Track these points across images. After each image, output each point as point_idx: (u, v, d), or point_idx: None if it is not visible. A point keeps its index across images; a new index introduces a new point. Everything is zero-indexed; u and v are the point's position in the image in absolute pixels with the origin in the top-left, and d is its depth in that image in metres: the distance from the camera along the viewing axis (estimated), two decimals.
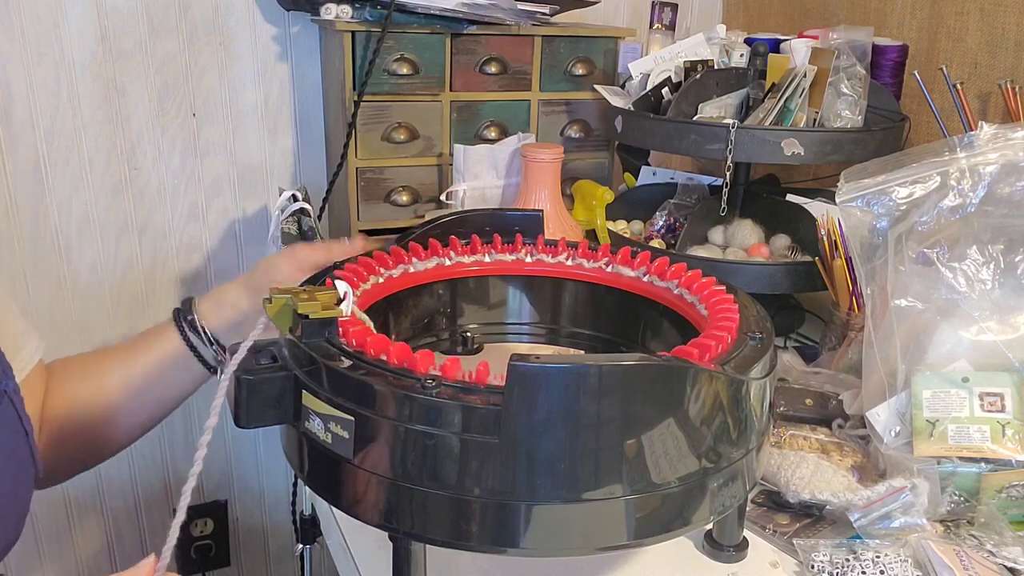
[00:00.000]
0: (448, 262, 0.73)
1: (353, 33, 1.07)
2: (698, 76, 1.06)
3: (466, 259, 0.74)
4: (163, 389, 0.76)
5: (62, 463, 0.73)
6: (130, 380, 0.74)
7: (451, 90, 1.14)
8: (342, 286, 0.56)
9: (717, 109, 1.04)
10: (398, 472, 0.48)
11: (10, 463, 0.59)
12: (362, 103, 1.08)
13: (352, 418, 0.48)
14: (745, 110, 1.04)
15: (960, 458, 0.68)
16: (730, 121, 0.95)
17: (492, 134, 1.18)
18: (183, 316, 0.75)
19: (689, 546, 0.66)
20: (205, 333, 0.75)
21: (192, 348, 0.74)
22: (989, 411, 0.68)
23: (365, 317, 0.57)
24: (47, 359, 0.74)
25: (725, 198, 1.00)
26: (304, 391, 0.51)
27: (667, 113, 1.03)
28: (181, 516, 0.45)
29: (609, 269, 0.73)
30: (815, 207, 1.04)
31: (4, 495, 0.58)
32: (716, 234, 1.07)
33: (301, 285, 0.60)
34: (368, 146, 1.12)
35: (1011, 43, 1.00)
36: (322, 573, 1.37)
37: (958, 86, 0.96)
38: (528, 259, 0.75)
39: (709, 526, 0.66)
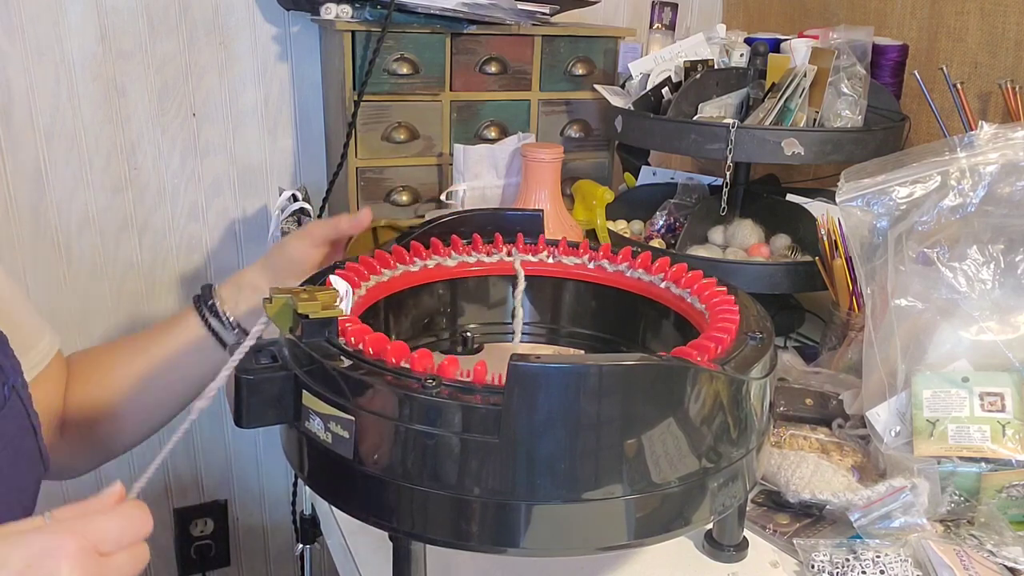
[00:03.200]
0: (449, 262, 0.73)
1: (353, 33, 1.07)
2: (698, 76, 1.06)
3: (467, 258, 0.74)
4: (183, 376, 0.76)
5: (84, 454, 0.74)
6: (150, 367, 0.74)
7: (451, 90, 1.14)
8: (341, 284, 0.56)
9: (717, 109, 1.04)
10: (398, 472, 0.48)
11: (18, 458, 0.59)
12: (362, 103, 1.08)
13: (352, 418, 0.48)
14: (745, 110, 1.04)
15: (960, 458, 0.68)
16: (730, 121, 0.95)
17: (492, 134, 1.18)
18: (204, 302, 0.75)
19: (689, 546, 0.66)
20: (226, 318, 0.75)
21: (213, 333, 0.75)
22: (989, 411, 0.68)
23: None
24: None
25: (725, 198, 1.00)
26: (304, 391, 0.51)
27: (667, 113, 1.03)
28: (161, 456, 0.45)
29: (612, 269, 0.73)
30: (815, 207, 1.04)
31: (12, 490, 0.58)
32: (716, 234, 1.07)
33: (301, 285, 0.60)
34: (368, 146, 1.12)
35: (1011, 43, 1.00)
36: (322, 573, 1.37)
37: (958, 86, 0.96)
38: (533, 259, 0.75)
39: (709, 526, 0.66)
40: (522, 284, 0.72)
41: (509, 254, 0.75)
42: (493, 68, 1.15)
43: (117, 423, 0.74)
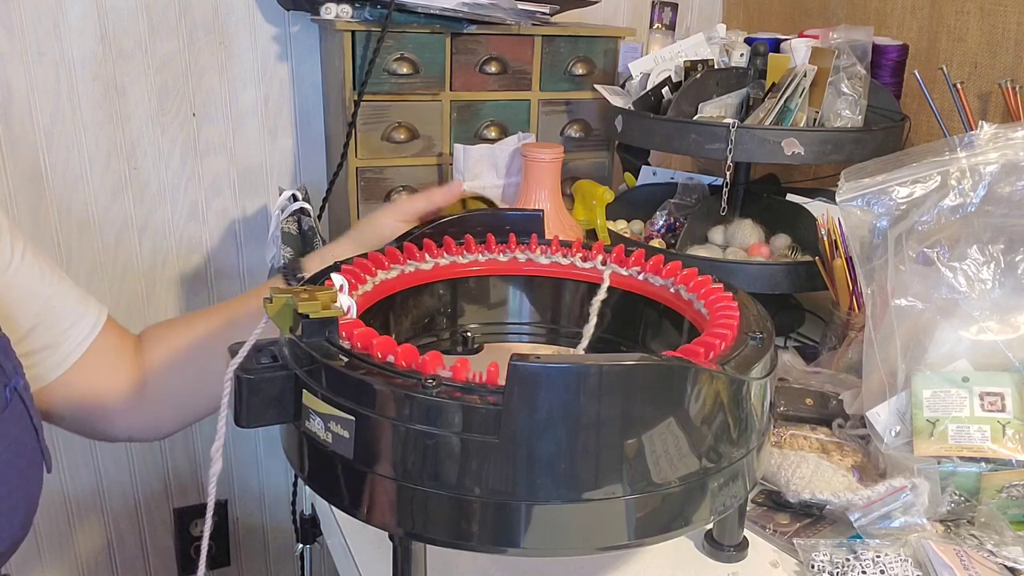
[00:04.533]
0: (444, 262, 0.73)
1: (353, 33, 1.07)
2: (698, 76, 1.05)
3: (477, 258, 0.74)
4: None
5: (169, 414, 0.76)
6: (230, 322, 0.75)
7: (451, 90, 1.14)
8: (337, 279, 0.56)
9: (717, 109, 1.04)
10: (398, 472, 0.48)
11: (19, 459, 0.59)
12: (362, 103, 1.08)
13: (352, 418, 0.48)
14: (745, 110, 1.04)
15: (960, 458, 0.68)
16: (730, 121, 0.95)
17: (492, 134, 1.18)
18: (292, 273, 0.76)
19: (689, 546, 0.66)
20: None
21: None
22: (989, 411, 0.68)
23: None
24: None
25: (725, 198, 1.00)
26: (304, 391, 0.51)
27: (667, 113, 1.03)
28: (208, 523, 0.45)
29: (624, 273, 0.72)
30: (815, 207, 1.04)
31: (13, 491, 0.58)
32: (716, 234, 1.07)
33: (301, 285, 0.60)
34: (368, 146, 1.12)
35: (1011, 43, 1.00)
36: (322, 573, 1.37)
37: (958, 86, 0.96)
38: (544, 259, 0.75)
39: (709, 526, 0.66)
40: (603, 294, 0.70)
41: (507, 253, 0.75)
42: (493, 68, 1.15)
43: (200, 380, 0.75)
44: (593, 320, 0.68)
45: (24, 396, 0.60)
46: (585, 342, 0.68)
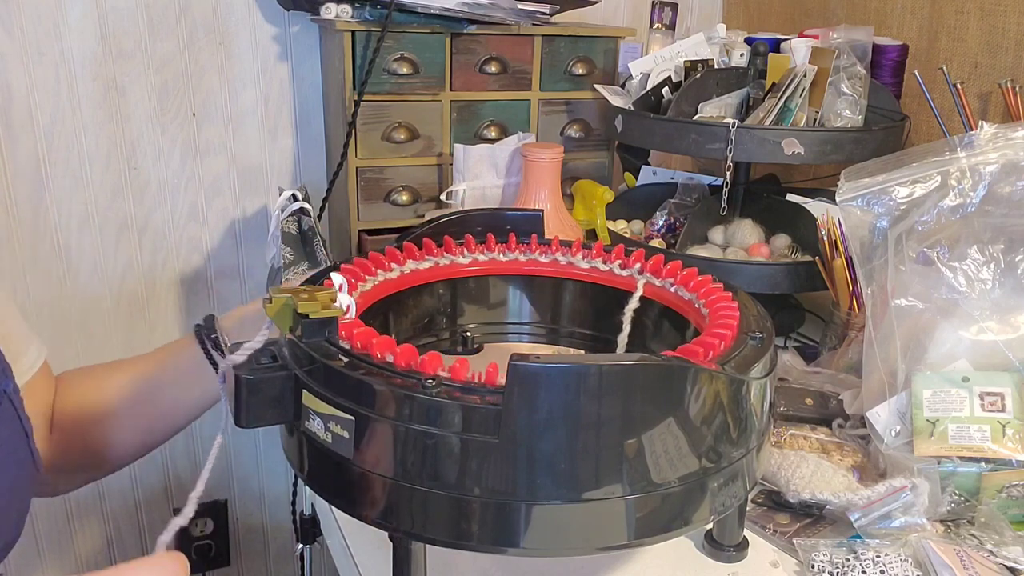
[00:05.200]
0: (444, 262, 0.73)
1: (353, 33, 1.07)
2: (698, 76, 1.06)
3: (476, 258, 0.74)
4: (178, 400, 0.74)
5: (67, 473, 0.73)
6: (146, 384, 0.73)
7: (451, 90, 1.14)
8: (337, 278, 0.56)
9: (717, 109, 1.04)
10: (398, 472, 0.48)
11: (9, 462, 0.59)
12: (362, 103, 1.08)
13: (352, 418, 0.48)
14: (745, 110, 1.04)
15: (960, 458, 0.68)
16: (730, 121, 0.95)
17: (492, 134, 1.18)
18: (206, 333, 0.74)
19: (689, 546, 0.66)
20: (227, 349, 0.73)
21: (211, 360, 0.73)
22: (989, 411, 0.68)
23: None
24: (51, 361, 0.74)
25: (725, 198, 1.00)
26: (304, 391, 0.51)
27: (667, 113, 1.03)
28: (187, 515, 0.45)
29: (625, 273, 0.72)
30: (815, 207, 1.04)
31: (4, 492, 0.58)
32: (716, 234, 1.07)
33: (301, 285, 0.60)
34: (368, 146, 1.12)
35: (1011, 43, 1.00)
36: (322, 573, 1.37)
37: (958, 86, 0.96)
38: (543, 259, 0.75)
39: (709, 526, 0.66)
40: (634, 304, 0.69)
41: (508, 254, 0.75)
42: (493, 68, 1.15)
43: (108, 436, 0.73)
44: (627, 329, 0.67)
45: (13, 399, 0.60)
46: (621, 351, 0.68)
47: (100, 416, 0.72)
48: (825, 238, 0.91)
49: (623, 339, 0.68)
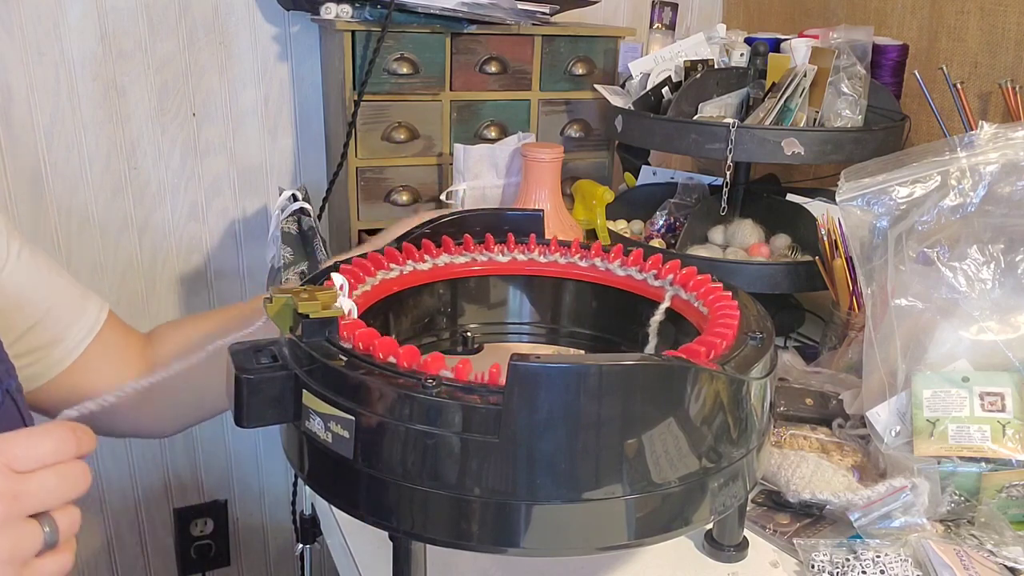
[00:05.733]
0: (441, 263, 0.73)
1: (353, 33, 1.07)
2: (698, 76, 1.05)
3: (475, 257, 0.74)
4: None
5: (172, 415, 0.77)
6: (239, 325, 0.75)
7: (451, 90, 1.14)
8: (338, 278, 0.56)
9: (717, 109, 1.04)
10: (398, 472, 0.48)
11: None
12: (362, 103, 1.08)
13: (352, 417, 0.48)
14: (745, 110, 1.04)
15: (960, 458, 0.68)
16: (730, 121, 0.95)
17: (492, 134, 1.18)
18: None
19: (689, 546, 0.66)
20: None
21: None
22: (989, 411, 0.68)
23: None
24: None
25: (725, 198, 1.00)
26: (304, 390, 0.51)
27: (667, 113, 1.03)
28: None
29: (621, 272, 0.72)
30: (815, 207, 1.04)
31: None
32: (716, 234, 1.07)
33: (301, 284, 0.60)
34: (368, 146, 1.12)
35: (1011, 43, 1.00)
36: (322, 573, 1.37)
37: (958, 86, 0.96)
38: (542, 259, 0.74)
39: (709, 526, 0.66)
40: (660, 315, 0.67)
41: (507, 254, 0.75)
42: (493, 68, 1.15)
43: (207, 379, 0.74)
44: (653, 341, 0.67)
45: (16, 398, 0.60)
46: (650, 345, 0.68)
47: (191, 374, 0.75)
48: (825, 238, 0.91)
49: (649, 350, 0.67)
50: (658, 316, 0.67)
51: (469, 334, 0.76)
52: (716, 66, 1.09)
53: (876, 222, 0.80)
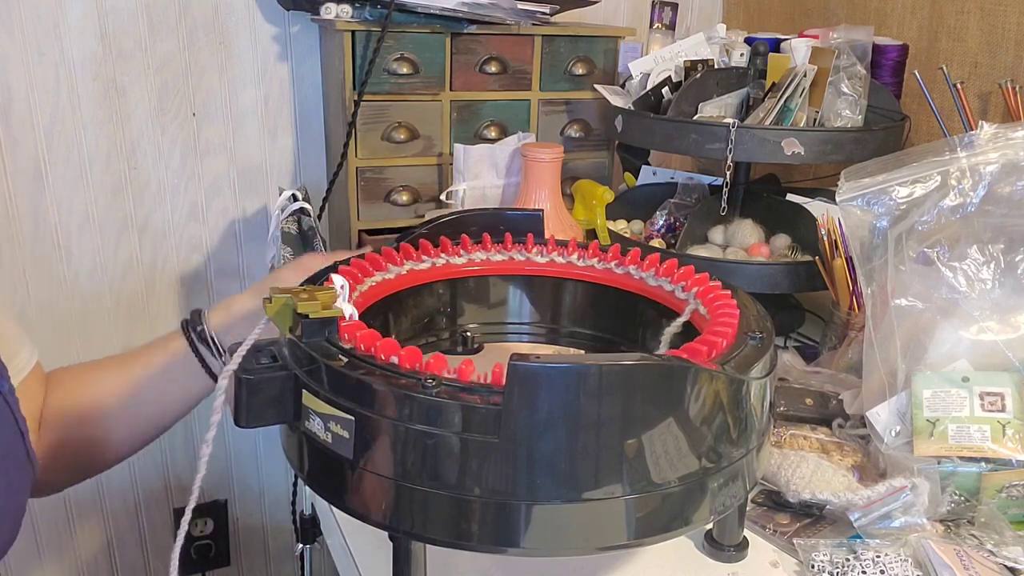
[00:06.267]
0: (440, 263, 0.73)
1: (353, 33, 1.07)
2: (698, 76, 1.05)
3: (472, 258, 0.74)
4: (163, 396, 0.74)
5: (61, 471, 0.73)
6: (130, 384, 0.73)
7: (451, 90, 1.14)
8: (338, 279, 0.56)
9: (717, 109, 1.04)
10: (398, 472, 0.48)
11: (6, 463, 0.59)
12: (362, 103, 1.08)
13: (352, 418, 0.48)
14: (745, 110, 1.04)
15: (960, 458, 0.68)
16: (730, 121, 0.95)
17: (492, 134, 1.18)
18: (192, 327, 0.74)
19: (689, 546, 0.66)
20: (215, 343, 0.73)
21: (198, 355, 0.73)
22: (989, 411, 0.68)
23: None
24: (44, 360, 0.74)
25: (725, 198, 1.00)
26: (304, 391, 0.51)
27: (667, 113, 1.03)
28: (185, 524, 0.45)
29: (620, 271, 0.72)
30: (815, 207, 1.04)
31: (1, 493, 0.58)
32: (716, 234, 1.07)
33: (301, 284, 0.60)
34: (368, 146, 1.12)
35: (1011, 43, 1.00)
36: (322, 573, 1.37)
37: (958, 86, 0.96)
38: (540, 258, 0.74)
39: (709, 526, 0.66)
40: (678, 326, 0.66)
41: (504, 253, 0.75)
42: (493, 68, 1.15)
43: (100, 435, 0.73)
44: (663, 350, 0.67)
45: (9, 400, 0.60)
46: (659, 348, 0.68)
47: (93, 414, 0.73)
48: (825, 238, 0.91)
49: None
50: (674, 328, 0.66)
51: (469, 334, 0.76)
52: (716, 66, 1.09)
53: (876, 222, 0.80)
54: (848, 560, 0.62)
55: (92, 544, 1.39)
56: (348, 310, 0.55)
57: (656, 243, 1.09)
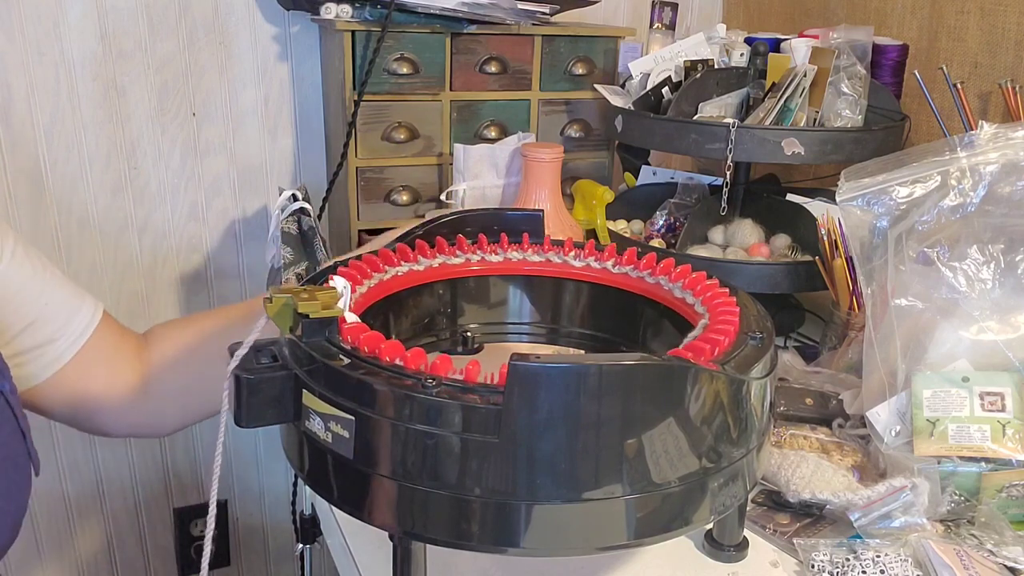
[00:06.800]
0: (436, 263, 0.73)
1: (353, 33, 1.07)
2: (698, 76, 1.05)
3: (468, 258, 0.74)
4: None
5: (174, 412, 0.77)
6: (233, 325, 0.76)
7: (451, 90, 1.14)
8: (340, 281, 0.56)
9: (717, 108, 1.04)
10: (398, 472, 0.48)
11: (5, 464, 0.59)
12: (362, 103, 1.08)
13: (352, 417, 0.48)
14: (745, 110, 1.04)
15: (960, 458, 0.68)
16: (730, 121, 0.95)
17: (492, 134, 1.18)
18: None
19: (689, 546, 0.66)
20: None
21: None
22: (989, 410, 0.68)
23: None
24: None
25: (725, 198, 1.00)
26: (304, 390, 0.51)
27: (667, 113, 1.03)
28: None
29: (616, 270, 0.72)
30: (815, 207, 1.04)
31: (2, 493, 0.58)
32: (716, 234, 1.07)
33: (301, 284, 0.60)
34: (368, 146, 1.12)
35: (1011, 43, 1.00)
36: (322, 573, 1.37)
37: (958, 85, 0.96)
38: (536, 258, 0.74)
39: (709, 526, 0.66)
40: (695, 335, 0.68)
41: (501, 253, 0.75)
42: (493, 68, 1.15)
43: (203, 379, 0.76)
44: None
45: (11, 399, 0.60)
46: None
47: (200, 351, 0.76)
48: (825, 238, 0.91)
49: None
50: (689, 340, 0.66)
51: (469, 334, 0.76)
52: (716, 66, 1.09)
53: (876, 222, 0.80)
54: (848, 560, 0.62)
55: (92, 544, 1.39)
56: (350, 317, 0.55)
57: (656, 243, 1.09)
